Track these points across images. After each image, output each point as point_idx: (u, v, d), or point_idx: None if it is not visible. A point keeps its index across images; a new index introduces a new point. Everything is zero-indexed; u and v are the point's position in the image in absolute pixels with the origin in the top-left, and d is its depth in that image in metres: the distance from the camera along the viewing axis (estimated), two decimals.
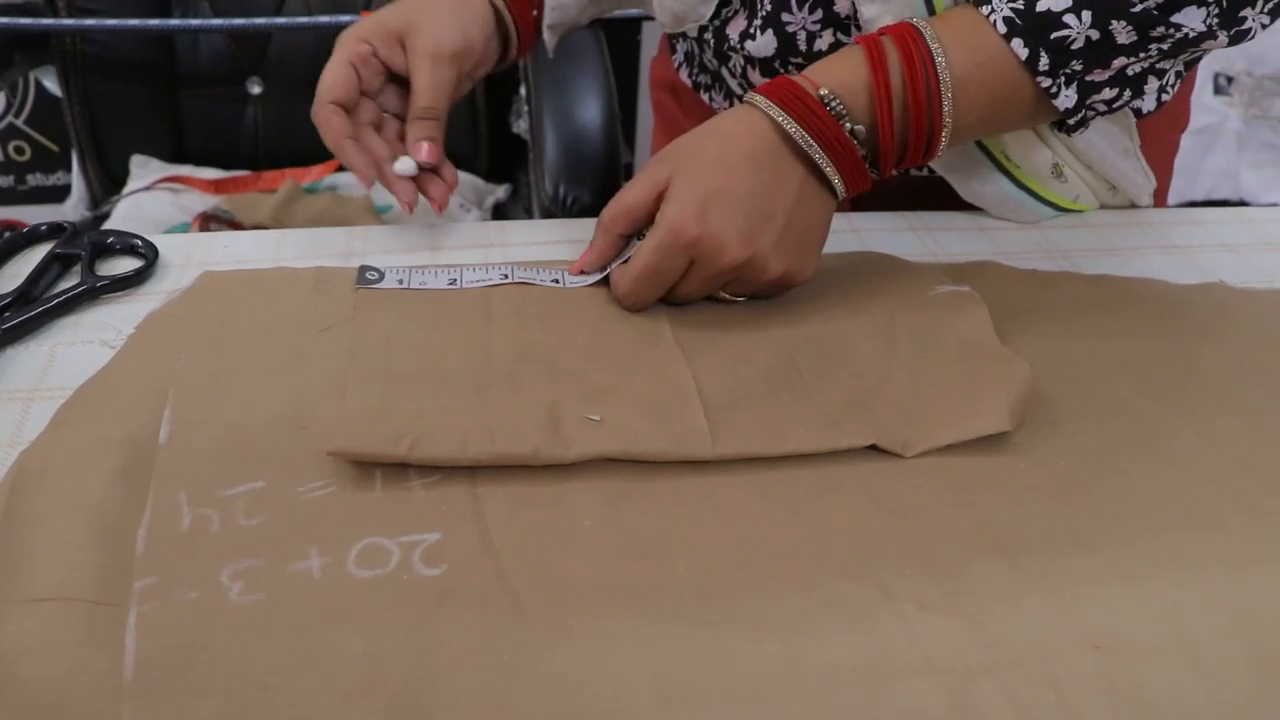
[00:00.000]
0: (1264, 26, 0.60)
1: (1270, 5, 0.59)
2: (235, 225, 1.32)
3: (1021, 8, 0.58)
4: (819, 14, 0.68)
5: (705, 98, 0.84)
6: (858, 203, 0.77)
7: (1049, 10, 0.57)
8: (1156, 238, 0.75)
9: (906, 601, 0.45)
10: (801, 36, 0.69)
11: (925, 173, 0.76)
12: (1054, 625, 0.44)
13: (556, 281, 0.63)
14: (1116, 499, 0.51)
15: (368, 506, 0.48)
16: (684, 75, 0.86)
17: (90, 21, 1.32)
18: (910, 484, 0.51)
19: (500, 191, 1.47)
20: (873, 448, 0.52)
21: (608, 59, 1.31)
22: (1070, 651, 0.43)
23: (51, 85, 1.51)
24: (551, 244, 0.69)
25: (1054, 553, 0.47)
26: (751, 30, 0.71)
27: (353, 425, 0.50)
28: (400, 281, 0.62)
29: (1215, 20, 0.58)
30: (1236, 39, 0.60)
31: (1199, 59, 0.66)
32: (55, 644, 0.41)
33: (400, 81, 0.71)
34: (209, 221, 1.31)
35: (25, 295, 0.62)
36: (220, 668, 0.40)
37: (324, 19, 1.32)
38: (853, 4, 0.66)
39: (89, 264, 0.65)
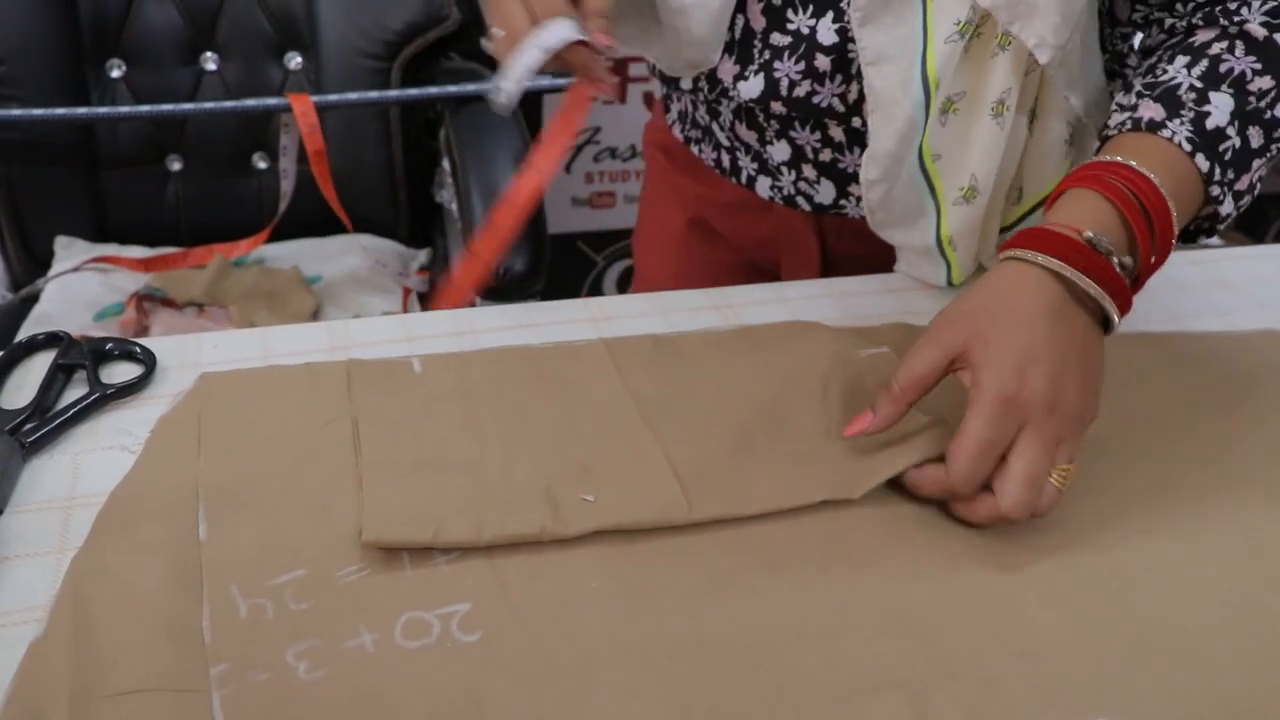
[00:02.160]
0: None
1: None
2: (168, 302, 1.37)
3: (1194, 128, 0.66)
4: (802, 65, 0.78)
5: (695, 150, 0.95)
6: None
7: (1217, 126, 0.67)
8: None
9: (867, 629, 0.54)
10: (784, 83, 0.79)
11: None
12: (987, 639, 0.54)
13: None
14: (1028, 528, 0.61)
15: (401, 585, 0.55)
16: (676, 131, 0.97)
17: (16, 112, 1.35)
18: (860, 529, 0.60)
19: (422, 256, 1.54)
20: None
21: (526, 132, 1.39)
22: (1001, 658, 0.53)
23: None
24: (518, 328, 0.76)
25: (980, 578, 0.57)
26: (746, 74, 0.81)
27: (379, 516, 0.57)
28: None
29: None
30: None
31: None
32: None
33: None
34: (143, 300, 1.35)
35: (40, 407, 0.67)
36: None
37: (250, 102, 1.37)
38: (854, 67, 0.75)
39: (94, 372, 0.70)
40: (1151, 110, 0.68)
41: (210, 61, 1.49)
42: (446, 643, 0.52)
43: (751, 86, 0.81)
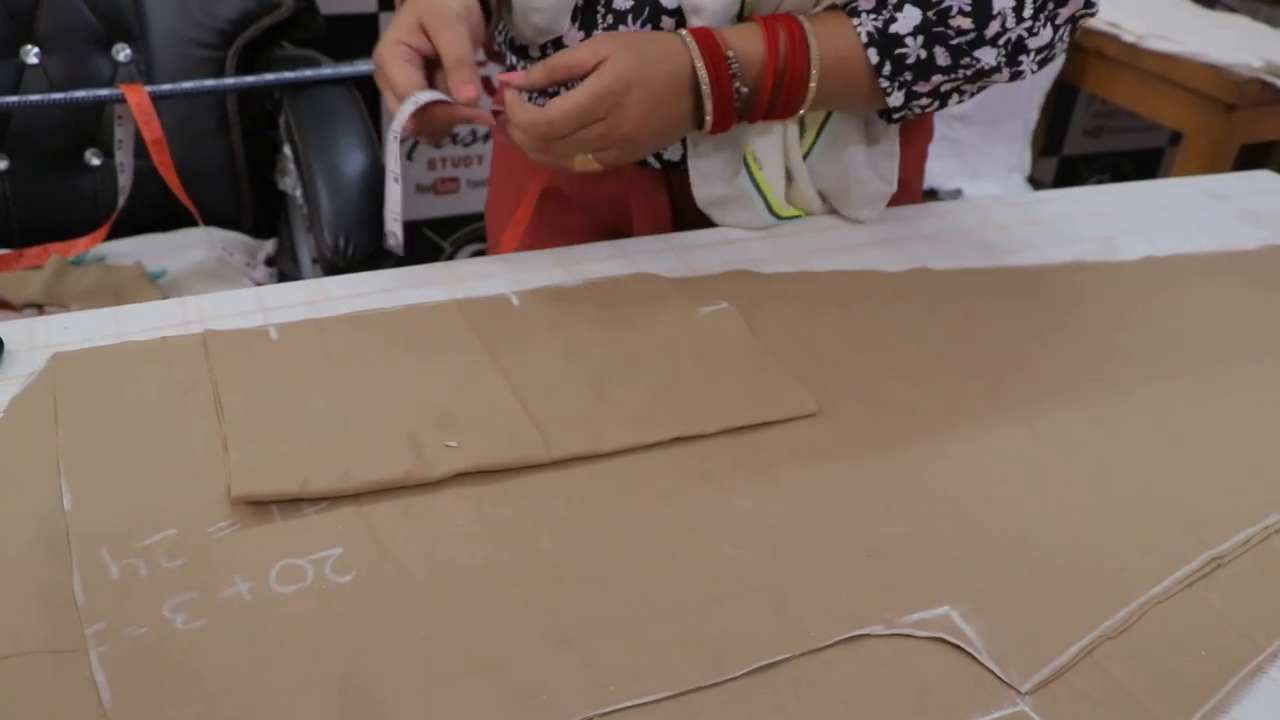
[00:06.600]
0: (1033, 71, 0.81)
1: (1039, 58, 0.81)
2: (5, 304, 1.32)
3: (880, 27, 0.79)
4: (648, 29, 0.82)
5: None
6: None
7: (897, 33, 0.78)
8: (871, 236, 0.92)
9: (724, 544, 0.57)
10: None
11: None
12: (836, 544, 0.58)
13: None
14: (862, 446, 0.65)
15: (273, 536, 0.56)
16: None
17: None
18: (713, 457, 0.64)
19: (269, 246, 1.52)
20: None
21: (365, 113, 1.39)
22: (851, 561, 0.57)
23: None
24: (371, 294, 0.78)
25: (829, 495, 0.62)
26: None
27: (247, 472, 0.58)
28: None
29: (1003, 59, 0.79)
30: (1015, 77, 0.81)
31: (985, 88, 0.85)
32: (30, 692, 0.47)
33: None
34: None
35: None
36: (188, 682, 0.48)
37: (80, 94, 1.33)
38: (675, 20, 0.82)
39: None
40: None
41: (32, 55, 1.44)
42: (321, 585, 0.53)
43: None
